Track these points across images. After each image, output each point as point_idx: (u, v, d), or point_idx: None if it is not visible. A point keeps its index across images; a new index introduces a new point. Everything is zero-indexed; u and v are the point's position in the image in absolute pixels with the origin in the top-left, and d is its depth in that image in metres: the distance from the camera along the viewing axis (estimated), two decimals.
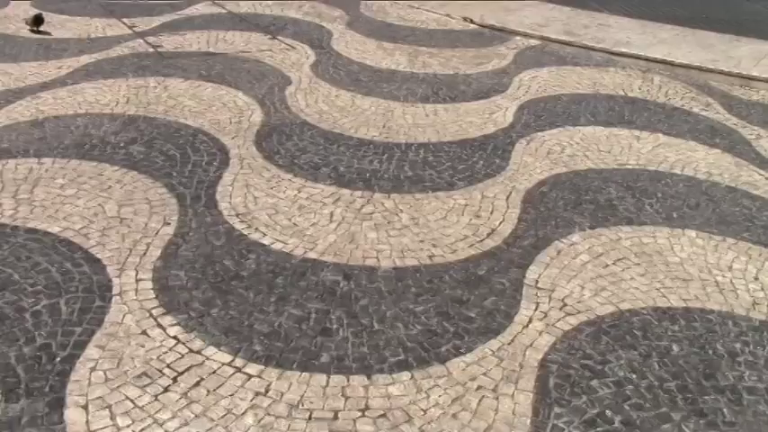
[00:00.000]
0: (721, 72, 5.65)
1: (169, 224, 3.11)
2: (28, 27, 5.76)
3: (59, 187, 3.37)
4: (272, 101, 4.60)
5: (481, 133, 4.30)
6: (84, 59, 5.21)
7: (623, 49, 6.05)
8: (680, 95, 5.21)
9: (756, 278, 3.00)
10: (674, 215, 3.47)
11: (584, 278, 2.91)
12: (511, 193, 3.59)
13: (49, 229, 3.02)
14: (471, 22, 6.82)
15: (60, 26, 6.01)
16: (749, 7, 8.26)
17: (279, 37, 5.99)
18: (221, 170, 3.63)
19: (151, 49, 5.50)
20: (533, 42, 6.31)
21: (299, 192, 3.48)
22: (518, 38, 6.41)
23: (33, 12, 5.93)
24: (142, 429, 2.03)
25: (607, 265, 3.01)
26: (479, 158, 3.96)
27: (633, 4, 7.72)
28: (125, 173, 3.54)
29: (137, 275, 2.74)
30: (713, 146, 4.34)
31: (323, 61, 5.46)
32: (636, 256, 3.09)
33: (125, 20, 6.26)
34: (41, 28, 5.80)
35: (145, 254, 2.88)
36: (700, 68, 5.72)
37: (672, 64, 5.80)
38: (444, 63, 5.61)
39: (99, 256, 2.85)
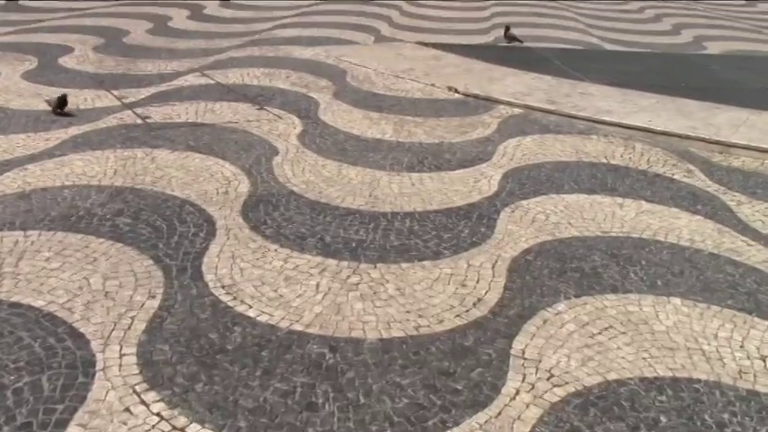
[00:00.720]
0: (701, 139, 5.76)
1: (154, 297, 3.10)
2: (51, 109, 5.64)
3: (45, 260, 3.36)
4: (259, 171, 4.65)
5: (466, 202, 4.35)
6: (73, 131, 5.26)
7: (605, 118, 6.16)
8: (662, 162, 5.30)
9: (742, 346, 3.01)
10: (659, 283, 3.49)
11: (570, 348, 2.90)
12: (496, 261, 3.60)
13: (34, 304, 3.00)
14: (456, 91, 6.95)
15: (49, 98, 6.07)
16: (726, 75, 8.47)
17: (266, 107, 6.08)
18: (208, 241, 3.64)
19: (139, 121, 5.57)
20: (517, 111, 6.43)
21: (286, 262, 3.48)
22: (502, 107, 6.53)
23: (57, 93, 5.79)
24: None
25: (593, 335, 3.01)
26: (465, 227, 3.99)
27: (613, 73, 7.90)
28: (111, 245, 3.54)
29: (121, 350, 2.72)
30: (695, 212, 4.40)
31: (310, 131, 5.53)
32: (622, 325, 3.10)
33: (114, 91, 6.34)
34: (65, 109, 5.68)
35: (129, 328, 2.87)
36: (680, 136, 5.83)
37: (653, 131, 5.91)
38: (429, 132, 5.70)
39: (83, 330, 2.83)
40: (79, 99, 6.06)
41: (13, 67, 7.02)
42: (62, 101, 5.62)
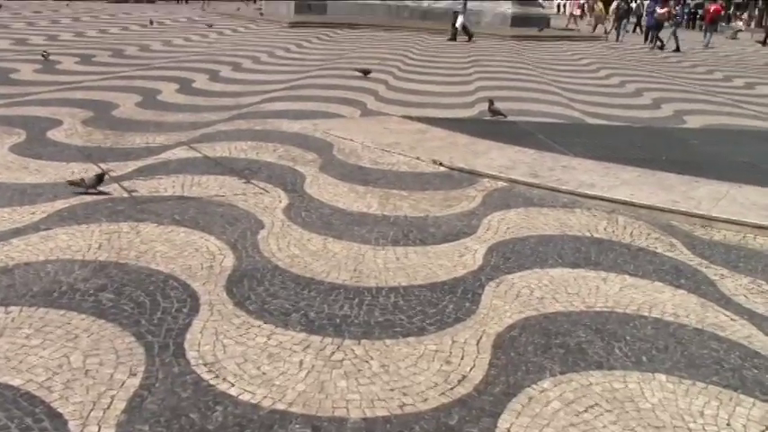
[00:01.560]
0: (683, 213, 5.83)
1: (135, 375, 3.07)
2: (84, 188, 5.50)
3: (25, 337, 3.32)
4: (244, 245, 4.65)
5: (451, 276, 4.36)
6: (59, 204, 5.26)
7: (588, 191, 6.25)
8: (644, 236, 5.35)
9: (728, 424, 2.99)
10: (644, 359, 3.49)
11: (556, 427, 2.87)
12: (481, 337, 3.59)
13: (11, 382, 2.95)
14: (441, 164, 7.03)
15: (37, 171, 6.10)
16: (705, 149, 8.63)
17: (253, 181, 6.12)
18: (191, 317, 3.62)
19: (126, 194, 5.59)
20: (501, 184, 6.50)
21: (269, 339, 3.46)
22: (486, 180, 6.61)
23: (92, 171, 5.71)
24: None
25: (579, 413, 2.98)
26: (449, 302, 3.99)
27: (595, 147, 8.04)
28: (93, 321, 3.51)
29: (99, 431, 2.67)
30: (679, 287, 4.42)
31: (295, 205, 5.56)
32: (607, 402, 3.08)
33: (101, 164, 6.37)
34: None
35: (109, 407, 2.82)
36: (662, 209, 5.90)
37: (635, 205, 5.98)
38: (414, 205, 5.74)
39: (61, 410, 2.78)
40: (66, 173, 6.08)
41: (0, 141, 7.06)
42: (100, 178, 5.53)
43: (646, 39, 26.88)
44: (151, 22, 24.83)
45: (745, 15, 49.45)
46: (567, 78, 15.23)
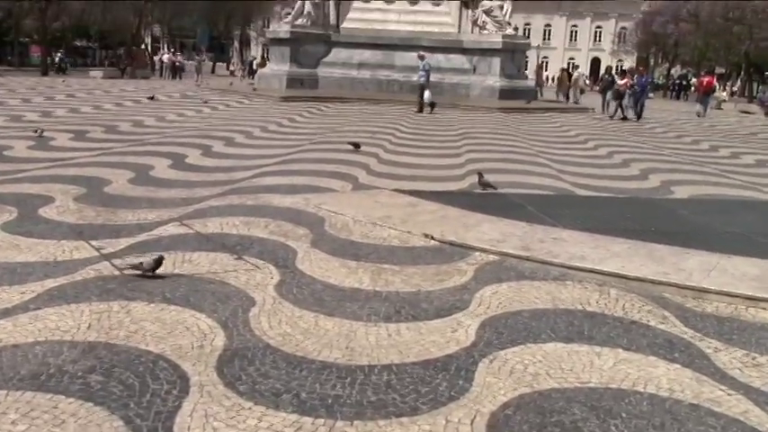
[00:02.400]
0: (674, 285, 5.85)
1: None
2: (142, 271, 5.40)
3: (10, 423, 3.27)
4: (235, 324, 4.62)
5: (444, 353, 4.33)
6: (49, 283, 5.24)
7: (578, 264, 6.27)
8: (636, 309, 5.35)
9: None
10: None
11: None
12: (475, 416, 3.55)
13: None
14: (432, 238, 7.06)
15: (28, 249, 6.09)
16: (694, 220, 8.71)
17: (244, 257, 6.12)
18: (181, 399, 3.57)
19: (117, 272, 5.57)
20: (492, 258, 6.52)
21: (260, 421, 3.41)
22: (477, 253, 6.63)
23: (151, 256, 5.63)
24: None
25: None
26: (443, 380, 3.95)
27: (585, 218, 8.11)
28: (81, 405, 3.46)
29: None
30: (673, 361, 4.40)
31: (287, 281, 5.56)
32: None
33: (93, 242, 6.38)
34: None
35: None
36: (653, 281, 5.91)
37: (626, 277, 6.00)
38: (406, 280, 5.74)
39: None
40: (57, 251, 6.08)
41: None
42: (158, 262, 5.47)
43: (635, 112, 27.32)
44: (152, 98, 25.11)
45: (727, 88, 50.62)
46: (555, 150, 15.44)
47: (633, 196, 10.30)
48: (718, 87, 44.01)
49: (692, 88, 59.13)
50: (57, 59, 49.02)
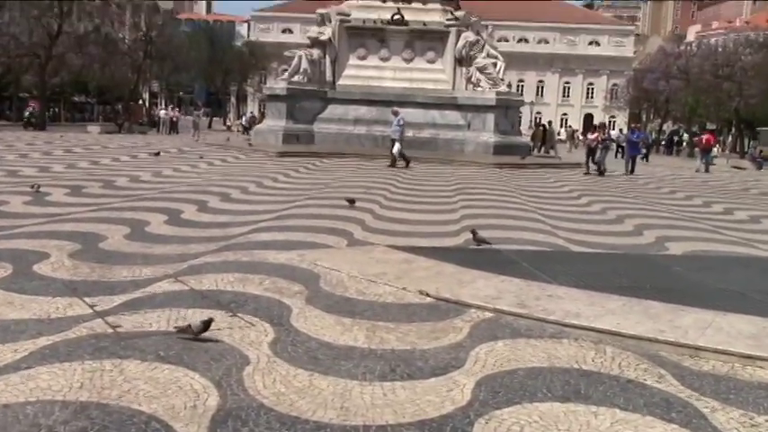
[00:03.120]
0: (670, 343, 5.83)
1: None
2: (192, 335, 5.32)
3: None
4: (229, 383, 4.58)
5: (439, 413, 4.29)
6: (42, 341, 5.21)
7: (574, 321, 6.26)
8: (633, 367, 5.32)
9: None
10: None
11: None
12: None
13: None
14: (427, 295, 7.06)
15: (22, 307, 6.07)
16: (688, 276, 8.73)
17: (239, 314, 6.10)
18: None
19: (110, 330, 5.54)
20: (488, 315, 6.51)
21: None
22: (473, 310, 6.62)
23: (199, 318, 5.56)
24: None
25: None
26: None
27: (580, 275, 8.12)
28: None
29: None
30: (670, 421, 4.37)
31: (282, 339, 5.53)
32: None
33: (87, 299, 6.36)
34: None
35: None
36: (649, 339, 5.90)
37: (622, 335, 5.98)
38: (402, 338, 5.72)
39: None
40: (51, 308, 6.05)
41: None
42: (207, 325, 5.39)
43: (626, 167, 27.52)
44: (158, 154, 25.17)
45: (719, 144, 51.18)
46: (549, 206, 15.53)
47: (627, 252, 10.33)
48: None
49: (684, 144, 59.90)
50: (26, 114, 47.37)
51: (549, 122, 47.81)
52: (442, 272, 8.03)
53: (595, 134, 27.16)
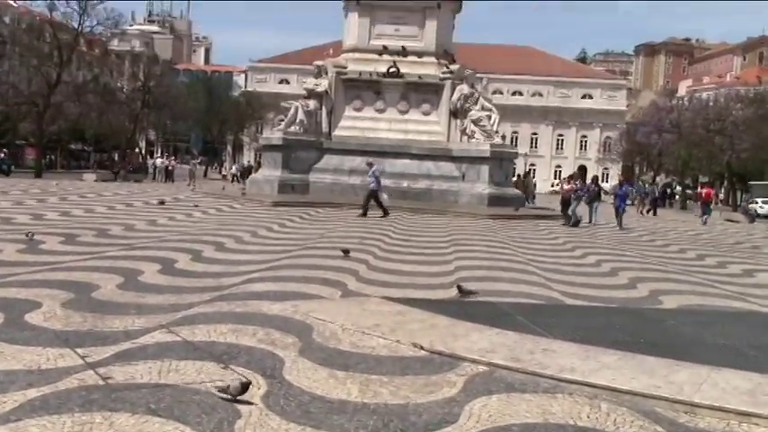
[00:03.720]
0: (665, 399, 5.79)
1: None
2: (231, 396, 5.20)
3: None
4: None
5: None
6: (32, 393, 5.15)
7: (569, 376, 6.22)
8: (628, 424, 5.28)
9: None
10: None
11: None
12: None
13: None
14: (421, 348, 7.02)
15: (12, 357, 6.01)
16: (683, 331, 8.71)
17: (231, 366, 6.05)
18: None
19: (101, 381, 5.49)
20: (482, 368, 6.46)
21: None
22: (467, 364, 6.57)
23: (239, 379, 5.50)
24: None
25: None
26: None
27: (574, 328, 8.10)
28: None
29: None
30: None
31: (274, 392, 5.48)
32: None
33: (78, 349, 6.30)
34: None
35: None
36: (644, 395, 5.85)
37: (617, 390, 5.94)
38: (395, 392, 5.67)
39: None
40: (42, 358, 6.00)
41: None
42: (245, 387, 5.30)
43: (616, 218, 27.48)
44: (162, 202, 25.15)
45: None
46: (543, 257, 15.55)
47: (622, 306, 10.32)
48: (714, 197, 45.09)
49: (676, 196, 60.31)
50: None
51: (527, 173, 48.49)
52: (436, 324, 8.00)
53: (569, 185, 27.30)
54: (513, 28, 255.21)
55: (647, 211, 40.86)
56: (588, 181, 32.11)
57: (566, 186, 27.56)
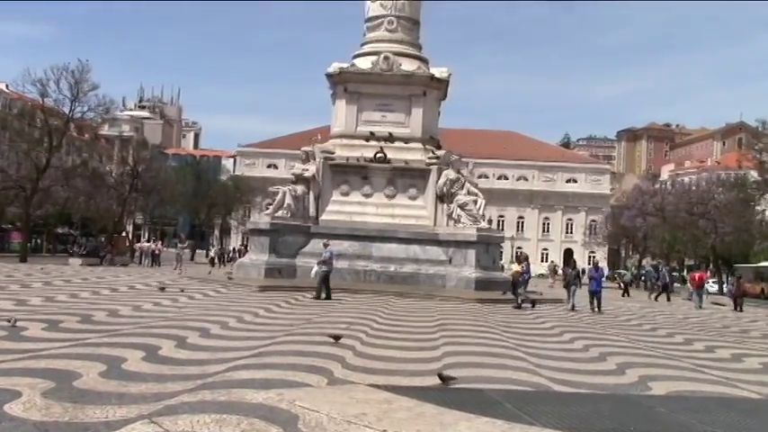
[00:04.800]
0: None
1: None
2: None
3: None
4: None
5: None
6: None
7: None
8: None
9: None
10: None
11: None
12: None
13: None
14: None
15: None
16: (672, 419, 8.62)
17: None
18: None
19: None
20: None
21: None
22: None
23: None
24: None
25: None
26: None
27: (563, 416, 8.01)
28: None
29: None
30: None
31: None
32: None
33: None
34: None
35: None
36: None
37: None
38: None
39: None
40: None
41: None
42: None
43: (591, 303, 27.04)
44: (163, 289, 24.93)
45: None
46: (531, 342, 15.47)
47: (611, 393, 10.23)
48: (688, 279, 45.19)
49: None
50: None
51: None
52: (424, 413, 7.88)
53: (520, 266, 27.25)
54: (496, 113, 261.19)
55: (657, 297, 40.28)
56: (564, 264, 32.08)
57: (515, 268, 27.50)
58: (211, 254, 58.42)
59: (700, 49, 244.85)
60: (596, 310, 25.90)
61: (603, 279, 29.51)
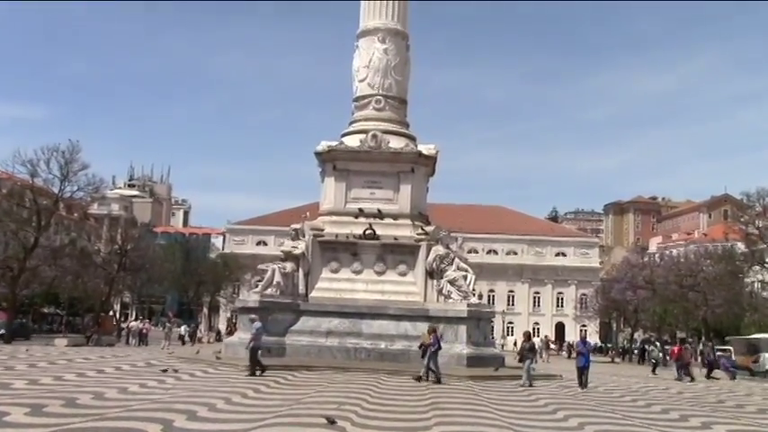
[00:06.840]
0: None
1: None
2: None
3: None
4: None
5: None
6: None
7: None
8: None
9: None
10: None
11: None
12: None
13: None
14: None
15: None
16: None
17: None
18: None
19: None
20: None
21: None
22: None
23: None
24: None
25: None
26: None
27: None
28: None
29: None
30: None
31: None
32: None
33: None
34: None
35: None
36: None
37: None
38: None
39: None
40: None
41: None
42: None
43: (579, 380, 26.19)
44: (166, 371, 24.45)
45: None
46: (524, 421, 15.22)
47: None
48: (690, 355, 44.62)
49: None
50: None
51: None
52: None
53: (429, 338, 26.52)
54: (484, 188, 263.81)
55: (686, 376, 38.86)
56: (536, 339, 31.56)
57: (426, 340, 26.69)
58: (180, 331, 56.55)
59: (682, 123, 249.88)
60: (584, 387, 25.11)
61: (590, 353, 28.93)
